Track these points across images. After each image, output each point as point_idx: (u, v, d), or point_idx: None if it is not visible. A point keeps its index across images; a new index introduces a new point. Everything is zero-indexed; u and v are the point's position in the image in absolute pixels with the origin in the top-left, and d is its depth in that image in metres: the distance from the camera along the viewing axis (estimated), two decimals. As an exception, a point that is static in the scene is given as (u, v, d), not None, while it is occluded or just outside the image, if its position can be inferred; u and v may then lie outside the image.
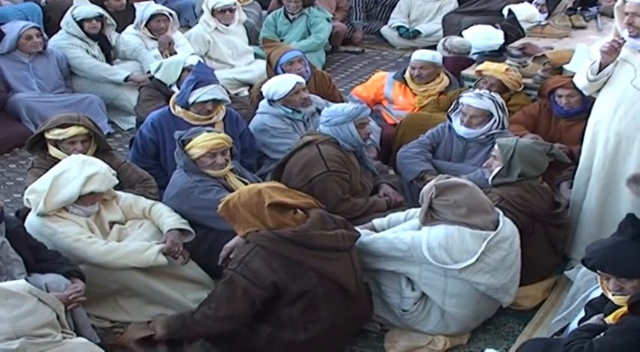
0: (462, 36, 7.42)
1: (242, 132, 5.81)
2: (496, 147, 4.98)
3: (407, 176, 5.50)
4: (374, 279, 4.64)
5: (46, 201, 4.55)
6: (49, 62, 7.47)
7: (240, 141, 5.71)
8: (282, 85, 5.92)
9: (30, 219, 4.66)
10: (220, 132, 5.24)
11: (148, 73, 7.00)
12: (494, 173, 4.94)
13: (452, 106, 5.65)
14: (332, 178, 5.16)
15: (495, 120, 5.44)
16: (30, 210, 4.68)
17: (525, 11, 7.95)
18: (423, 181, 5.10)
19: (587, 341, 3.61)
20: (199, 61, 6.27)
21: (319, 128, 5.37)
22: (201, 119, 5.58)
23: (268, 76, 6.44)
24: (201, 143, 4.95)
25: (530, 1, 8.44)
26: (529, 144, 4.96)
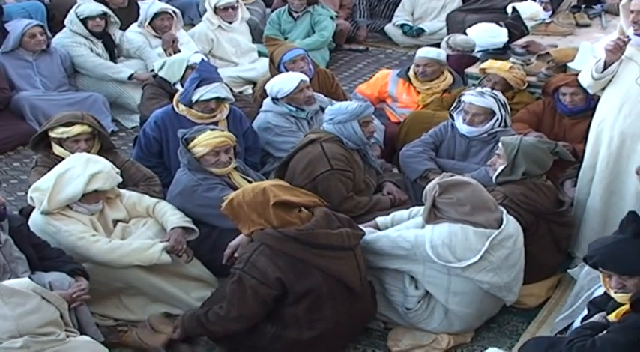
0: (466, 34, 7.42)
1: (245, 130, 5.81)
2: (500, 145, 4.97)
3: (410, 175, 5.49)
4: (377, 278, 4.64)
5: (49, 199, 4.55)
6: (53, 60, 7.48)
7: (243, 139, 5.71)
8: (286, 83, 5.91)
9: (34, 217, 4.66)
10: (224, 130, 5.25)
11: (152, 71, 7.00)
12: (498, 171, 4.93)
13: (454, 105, 5.65)
14: (336, 176, 5.15)
15: (498, 118, 5.43)
16: (34, 208, 4.68)
17: (529, 9, 7.93)
18: (427, 180, 5.08)
19: (590, 339, 3.61)
20: (203, 59, 6.27)
21: (323, 126, 5.36)
22: (204, 117, 5.59)
23: (271, 75, 6.43)
24: (204, 141, 4.95)
25: (535, -1, 8.44)
26: (533, 143, 4.95)
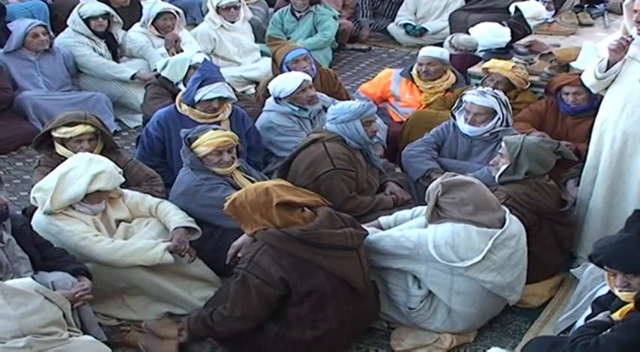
0: (469, 33, 7.41)
1: (248, 129, 5.80)
2: (503, 144, 4.97)
3: (413, 175, 5.49)
4: (380, 277, 4.63)
5: (52, 200, 4.55)
6: (56, 60, 7.47)
7: (246, 139, 5.70)
8: (289, 82, 5.91)
9: (36, 217, 4.66)
10: (226, 129, 5.24)
11: (155, 70, 7.01)
12: (501, 171, 4.92)
13: (455, 104, 5.64)
14: (338, 176, 5.15)
15: (499, 118, 5.42)
16: (37, 207, 4.68)
17: (532, 8, 7.94)
18: (429, 180, 5.06)
19: (594, 338, 3.61)
20: (205, 59, 6.27)
21: (326, 126, 5.36)
22: (207, 117, 5.59)
23: (274, 74, 6.43)
24: (207, 141, 4.95)
25: (537, -1, 8.43)
26: (536, 142, 4.95)
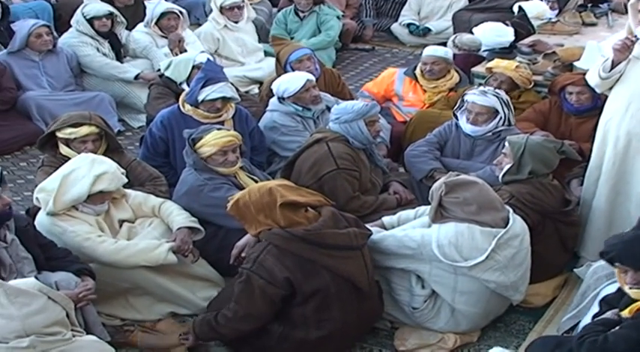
0: (472, 33, 7.41)
1: (252, 129, 5.80)
2: (507, 144, 4.96)
3: (416, 175, 5.49)
4: (384, 277, 4.63)
5: (55, 200, 4.54)
6: (60, 60, 7.48)
7: (249, 138, 5.70)
8: (293, 82, 5.90)
9: (40, 217, 4.66)
10: (230, 129, 5.24)
11: (158, 70, 7.01)
12: (504, 170, 4.92)
13: (457, 104, 5.64)
14: (342, 176, 5.14)
15: (501, 117, 5.42)
16: (40, 208, 4.68)
17: (536, 8, 7.92)
18: (433, 179, 5.07)
19: (602, 335, 3.60)
20: (209, 59, 6.26)
21: (329, 126, 5.35)
22: (210, 117, 5.58)
23: (277, 74, 6.42)
24: (212, 141, 4.95)
25: (541, -2, 8.42)
26: (540, 142, 4.94)
